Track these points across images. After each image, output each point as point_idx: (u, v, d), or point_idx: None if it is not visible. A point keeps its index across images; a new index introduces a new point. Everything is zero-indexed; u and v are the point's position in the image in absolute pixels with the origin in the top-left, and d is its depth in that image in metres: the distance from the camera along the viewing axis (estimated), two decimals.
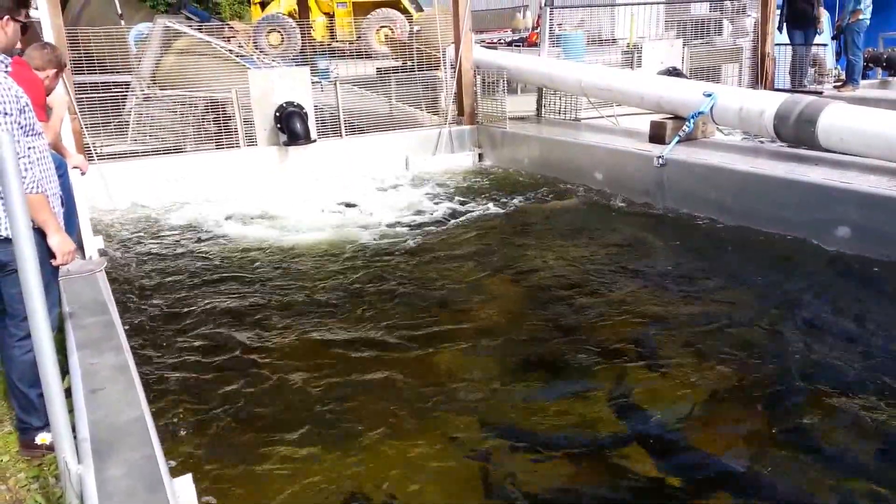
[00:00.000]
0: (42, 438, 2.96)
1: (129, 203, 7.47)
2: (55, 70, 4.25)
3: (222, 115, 8.41)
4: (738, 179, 6.04)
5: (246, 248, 6.16)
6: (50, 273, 2.94)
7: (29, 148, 2.78)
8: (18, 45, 3.32)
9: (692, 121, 6.96)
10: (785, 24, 10.16)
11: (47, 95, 4.26)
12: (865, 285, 4.81)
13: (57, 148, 4.28)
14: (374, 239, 6.28)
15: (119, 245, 6.32)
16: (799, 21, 10.06)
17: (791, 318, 4.34)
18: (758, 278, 5.04)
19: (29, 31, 3.19)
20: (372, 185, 8.22)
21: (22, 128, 2.75)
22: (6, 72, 2.81)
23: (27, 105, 2.81)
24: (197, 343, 4.30)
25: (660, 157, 6.65)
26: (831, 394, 3.46)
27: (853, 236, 5.18)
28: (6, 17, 2.85)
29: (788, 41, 10.27)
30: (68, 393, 2.81)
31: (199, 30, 9.94)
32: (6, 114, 2.66)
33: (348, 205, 7.36)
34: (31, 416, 3.03)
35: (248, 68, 9.02)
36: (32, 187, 2.73)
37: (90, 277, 4.17)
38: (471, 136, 9.29)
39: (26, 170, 2.70)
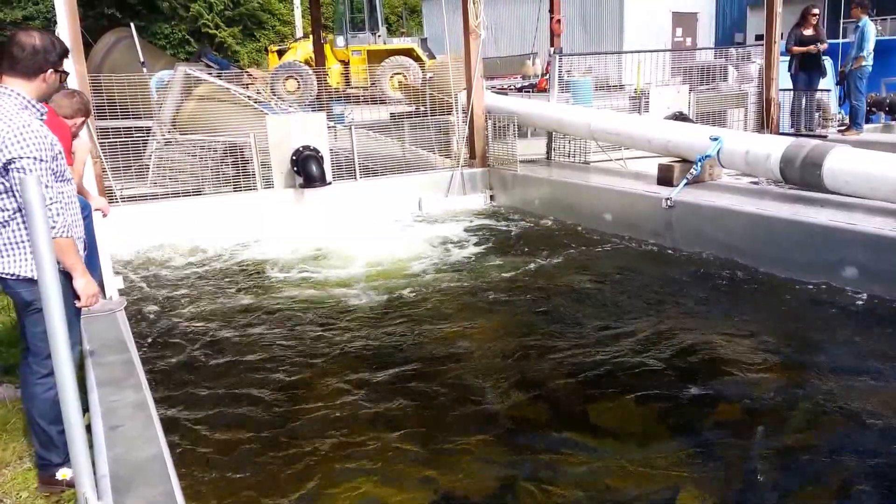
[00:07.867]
0: (63, 474, 3.02)
1: (149, 244, 7.61)
2: (83, 118, 4.43)
3: (240, 159, 8.63)
4: (746, 221, 6.13)
5: (262, 289, 6.26)
6: (72, 312, 3.00)
7: (59, 193, 2.89)
8: None
9: (700, 164, 7.07)
10: (793, 68, 10.32)
11: (73, 140, 4.42)
12: (872, 325, 4.83)
13: (80, 191, 4.40)
14: (391, 281, 6.34)
15: (139, 285, 6.45)
16: (808, 66, 10.23)
17: (799, 357, 4.37)
18: (762, 317, 5.07)
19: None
20: (385, 226, 8.35)
21: (54, 174, 2.86)
22: (42, 120, 2.91)
23: (60, 152, 2.92)
24: (214, 381, 4.37)
25: (668, 199, 6.76)
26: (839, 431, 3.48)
27: (860, 277, 5.22)
28: (50, 70, 2.92)
29: (793, 84, 10.43)
30: (88, 429, 2.88)
31: (219, 77, 10.27)
32: (41, 160, 2.77)
33: (364, 246, 7.47)
34: (51, 452, 3.07)
35: (266, 114, 9.27)
36: (63, 231, 2.83)
37: (111, 317, 4.28)
38: (482, 179, 9.44)
39: (58, 214, 2.80)
